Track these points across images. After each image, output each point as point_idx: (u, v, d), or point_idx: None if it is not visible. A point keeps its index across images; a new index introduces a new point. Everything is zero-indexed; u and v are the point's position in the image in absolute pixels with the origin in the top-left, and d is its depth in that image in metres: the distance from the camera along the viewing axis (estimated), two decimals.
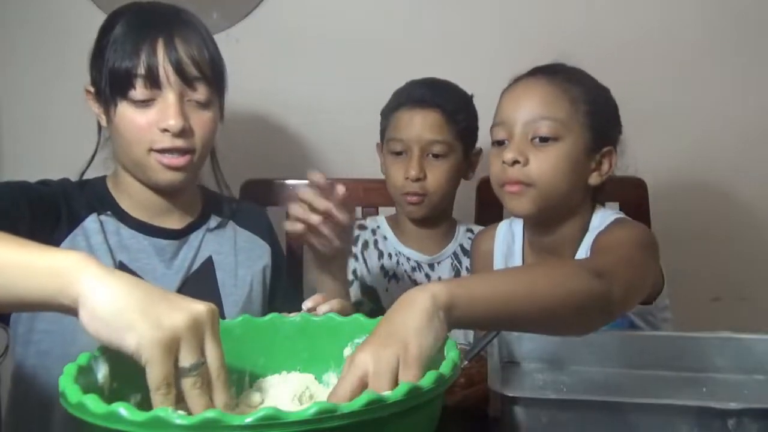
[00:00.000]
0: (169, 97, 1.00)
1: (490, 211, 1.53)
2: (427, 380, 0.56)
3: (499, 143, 1.11)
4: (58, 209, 1.01)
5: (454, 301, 0.66)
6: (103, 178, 1.11)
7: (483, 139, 1.38)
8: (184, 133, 1.00)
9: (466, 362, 0.86)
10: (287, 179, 1.53)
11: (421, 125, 1.29)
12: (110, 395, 0.61)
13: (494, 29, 1.67)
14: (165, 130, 0.99)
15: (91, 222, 1.04)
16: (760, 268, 1.70)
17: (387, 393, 0.53)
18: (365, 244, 1.40)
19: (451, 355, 0.63)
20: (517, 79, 1.14)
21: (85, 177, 1.11)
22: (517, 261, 1.21)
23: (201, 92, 1.03)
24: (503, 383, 0.79)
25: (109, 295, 0.58)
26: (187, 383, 0.58)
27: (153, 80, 0.99)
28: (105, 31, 1.03)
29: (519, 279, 0.77)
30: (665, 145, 1.64)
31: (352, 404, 0.51)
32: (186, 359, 0.58)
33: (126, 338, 0.57)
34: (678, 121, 1.66)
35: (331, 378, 0.77)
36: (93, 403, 0.52)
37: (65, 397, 0.55)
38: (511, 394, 0.74)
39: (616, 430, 0.73)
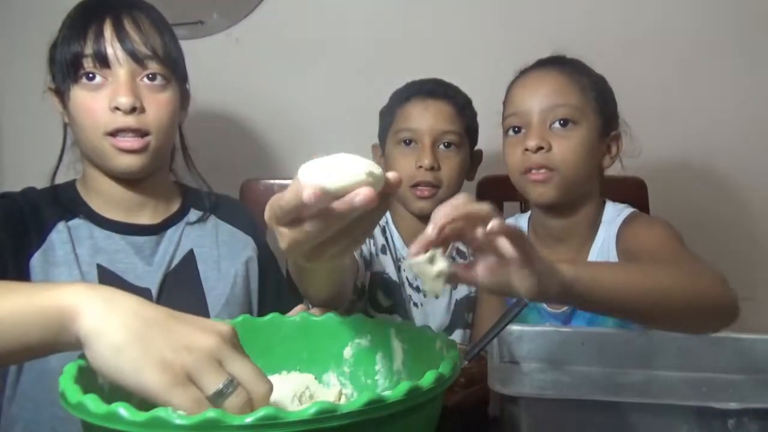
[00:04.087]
0: (119, 75, 0.99)
1: None
2: (427, 380, 0.56)
3: (515, 132, 1.14)
4: (26, 225, 0.99)
5: (578, 278, 0.69)
6: (72, 182, 1.10)
7: (482, 142, 1.38)
8: (137, 111, 0.99)
9: (466, 362, 0.86)
10: (287, 179, 1.53)
11: (433, 115, 1.28)
12: (110, 395, 0.61)
13: (493, 31, 1.67)
14: (116, 109, 0.98)
15: (56, 233, 1.01)
16: (761, 268, 1.70)
17: (387, 393, 0.53)
18: (383, 248, 1.34)
19: (451, 355, 0.63)
20: (525, 71, 1.18)
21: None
22: None
23: (153, 71, 1.01)
24: (503, 383, 0.79)
25: (108, 337, 0.55)
26: (231, 406, 0.54)
27: (101, 59, 0.98)
28: (61, 27, 1.03)
29: (643, 271, 0.81)
30: (665, 145, 1.64)
31: (351, 404, 0.51)
32: (210, 387, 0.54)
33: (132, 379, 0.54)
34: (679, 120, 1.67)
35: (331, 378, 0.77)
36: (93, 403, 0.52)
37: (65, 398, 0.55)
38: (511, 394, 0.74)
39: (616, 430, 0.73)
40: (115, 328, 0.55)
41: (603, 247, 1.15)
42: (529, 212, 1.27)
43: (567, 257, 1.16)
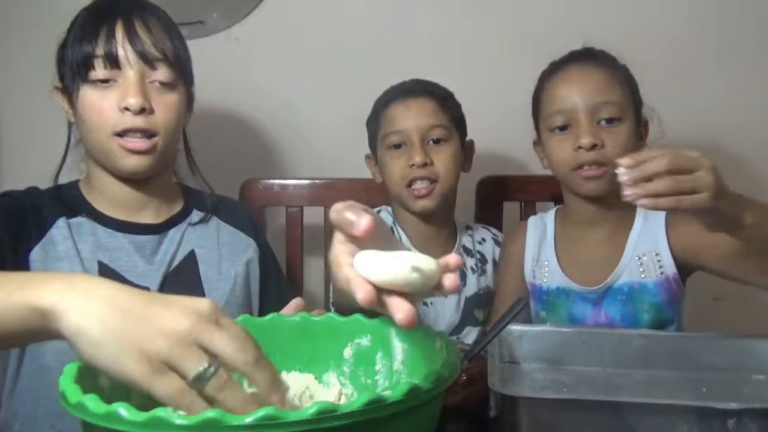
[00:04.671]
0: (129, 76, 1.00)
1: (490, 210, 1.53)
2: (427, 380, 0.56)
3: (560, 129, 1.17)
4: (26, 220, 1.00)
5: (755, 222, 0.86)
6: (75, 182, 1.11)
7: (482, 142, 1.38)
8: (145, 112, 1.00)
9: (466, 362, 0.86)
10: (287, 179, 1.53)
11: (416, 113, 1.28)
12: (110, 395, 0.61)
13: (493, 31, 1.67)
14: (126, 109, 0.99)
15: (57, 229, 1.02)
16: None
17: (387, 393, 0.53)
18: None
19: (451, 355, 0.63)
20: (561, 66, 1.21)
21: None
22: (550, 244, 1.26)
23: (163, 73, 1.02)
24: (503, 383, 0.79)
25: (88, 334, 0.55)
26: (211, 390, 0.54)
27: (112, 60, 0.99)
28: (70, 28, 1.04)
29: None
30: (664, 144, 1.64)
31: (351, 404, 0.51)
32: (190, 371, 0.54)
33: (116, 372, 0.54)
34: (678, 119, 1.66)
35: (331, 378, 0.77)
36: (93, 403, 0.52)
37: (65, 397, 0.55)
38: (511, 394, 0.74)
39: (616, 430, 0.73)
40: (92, 323, 0.55)
41: (644, 235, 1.19)
42: (554, 208, 1.32)
43: (601, 238, 1.20)
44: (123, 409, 0.50)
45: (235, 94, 1.66)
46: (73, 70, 1.00)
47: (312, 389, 0.73)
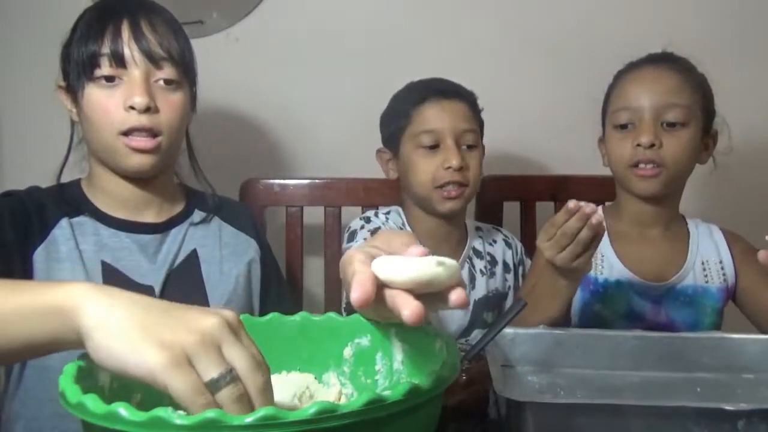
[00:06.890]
0: (134, 75, 1.00)
1: (490, 210, 1.53)
2: (427, 380, 0.56)
3: (623, 127, 1.19)
4: (30, 221, 1.01)
5: None
6: (77, 181, 1.11)
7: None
8: (150, 111, 1.00)
9: (466, 362, 0.86)
10: (287, 179, 1.53)
11: (451, 115, 1.27)
12: (110, 395, 0.61)
13: (495, 31, 1.67)
14: (131, 108, 0.99)
15: (59, 229, 1.02)
16: None
17: (386, 393, 0.53)
18: None
19: (451, 355, 0.63)
20: (636, 66, 1.23)
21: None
22: (604, 237, 1.26)
23: (168, 72, 1.03)
24: (504, 387, 0.78)
25: (108, 323, 0.54)
26: (224, 398, 0.53)
27: (118, 58, 1.00)
28: (75, 26, 1.04)
29: None
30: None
31: (351, 404, 0.51)
32: (206, 373, 0.53)
33: (131, 365, 0.53)
34: None
35: (331, 378, 0.77)
36: (93, 403, 0.52)
37: (65, 397, 0.55)
38: (519, 399, 0.73)
39: None
40: (116, 317, 0.55)
41: (704, 241, 1.24)
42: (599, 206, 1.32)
43: (660, 236, 1.23)
44: (123, 409, 0.50)
45: (234, 94, 1.67)
46: (78, 68, 1.01)
47: (312, 389, 0.73)
